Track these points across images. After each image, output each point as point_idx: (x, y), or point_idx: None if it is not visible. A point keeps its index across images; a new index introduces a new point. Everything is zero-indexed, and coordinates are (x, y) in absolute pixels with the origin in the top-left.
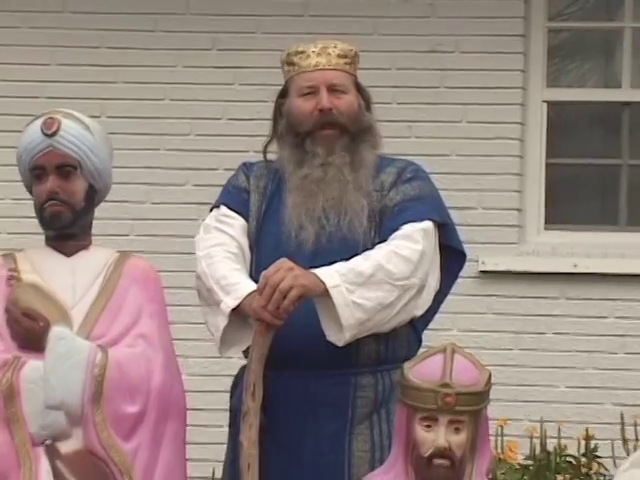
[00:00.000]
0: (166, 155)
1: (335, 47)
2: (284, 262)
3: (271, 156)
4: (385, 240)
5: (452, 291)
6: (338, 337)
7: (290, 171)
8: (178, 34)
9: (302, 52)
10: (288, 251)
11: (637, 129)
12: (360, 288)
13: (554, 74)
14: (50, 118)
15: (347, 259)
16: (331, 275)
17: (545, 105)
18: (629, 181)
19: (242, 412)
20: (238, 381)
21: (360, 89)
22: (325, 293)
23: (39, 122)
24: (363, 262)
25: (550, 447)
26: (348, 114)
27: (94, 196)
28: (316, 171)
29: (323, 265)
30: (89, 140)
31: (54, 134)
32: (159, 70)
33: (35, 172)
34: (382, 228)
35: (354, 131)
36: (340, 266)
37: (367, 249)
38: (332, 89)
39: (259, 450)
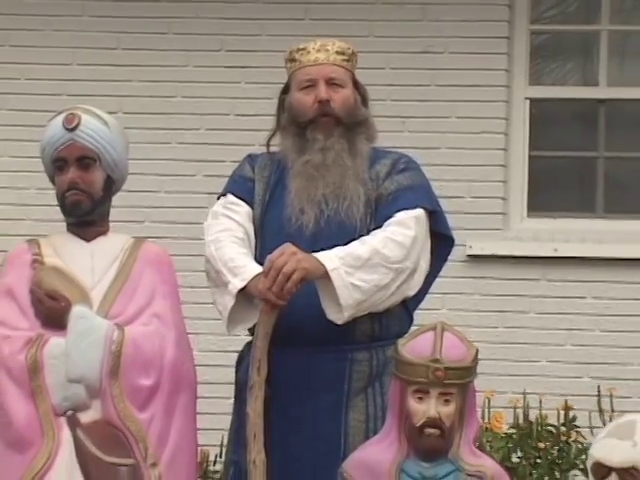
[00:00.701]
0: (178, 148)
1: (334, 45)
2: (288, 246)
3: (273, 149)
4: (380, 226)
5: (441, 273)
6: (337, 316)
7: (293, 158)
8: (189, 36)
9: (303, 49)
10: (290, 234)
11: (612, 124)
12: (358, 271)
13: (536, 73)
14: (71, 114)
15: (345, 243)
16: (331, 259)
17: (528, 102)
18: (605, 172)
19: (248, 385)
20: (243, 356)
21: (357, 85)
22: (325, 275)
23: (61, 118)
24: (360, 247)
25: (532, 417)
26: (344, 107)
27: (111, 186)
28: (316, 156)
29: (323, 248)
30: (107, 134)
31: (75, 129)
32: (171, 70)
33: (57, 164)
34: (377, 215)
35: (349, 123)
36: (339, 250)
37: (363, 234)
38: (330, 82)
39: (263, 420)
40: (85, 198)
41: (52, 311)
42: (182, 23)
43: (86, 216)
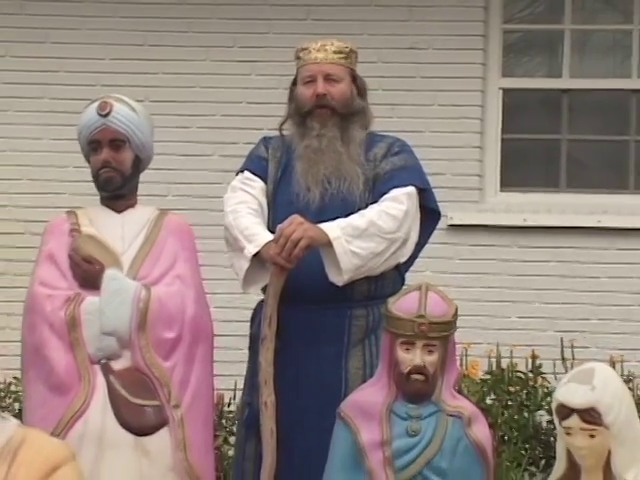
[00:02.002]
0: (197, 132)
1: (332, 45)
2: (296, 217)
3: (285, 132)
4: (377, 201)
5: None
6: (338, 279)
7: (296, 143)
8: (206, 34)
9: (306, 49)
10: (298, 208)
11: (574, 110)
12: (357, 240)
13: (508, 66)
14: (104, 102)
15: (346, 215)
16: (333, 229)
17: (501, 91)
18: (568, 152)
19: (261, 338)
20: (256, 313)
21: (355, 79)
22: (328, 243)
23: (95, 105)
24: (359, 218)
25: (504, 365)
26: (339, 99)
27: (139, 164)
28: (314, 142)
29: (328, 220)
30: (135, 119)
31: (107, 115)
32: (191, 63)
33: (92, 145)
34: (375, 191)
35: (344, 113)
36: (341, 221)
37: (362, 208)
38: (328, 78)
39: (273, 368)
40: (116, 175)
41: (88, 273)
42: (200, 23)
43: (117, 191)
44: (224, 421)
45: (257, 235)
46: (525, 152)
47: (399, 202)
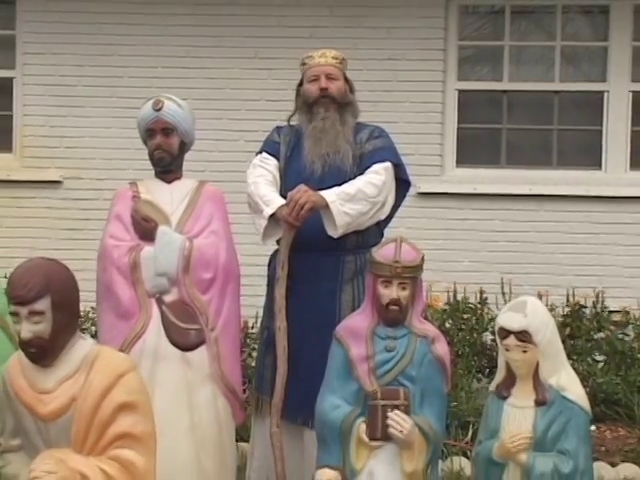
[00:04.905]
0: (227, 122)
1: (330, 53)
2: (302, 186)
3: (292, 123)
4: (362, 173)
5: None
6: (334, 232)
7: (305, 126)
8: (234, 48)
9: (310, 56)
10: (305, 177)
11: (512, 107)
12: (348, 203)
13: (462, 73)
14: (157, 100)
15: (340, 184)
16: (330, 195)
17: (457, 92)
18: (507, 138)
19: (276, 278)
20: (272, 259)
21: (347, 79)
22: (327, 206)
23: (151, 102)
24: (349, 187)
25: (459, 298)
26: (337, 92)
27: (184, 147)
28: (319, 123)
29: (327, 187)
30: (181, 113)
31: (160, 109)
32: (223, 70)
33: (148, 132)
34: (361, 166)
35: (341, 103)
36: (336, 189)
37: (352, 178)
38: (328, 77)
39: (285, 300)
40: (166, 155)
41: (146, 229)
42: (229, 40)
43: (167, 167)
44: (248, 340)
45: (272, 200)
46: (475, 138)
47: (379, 174)
